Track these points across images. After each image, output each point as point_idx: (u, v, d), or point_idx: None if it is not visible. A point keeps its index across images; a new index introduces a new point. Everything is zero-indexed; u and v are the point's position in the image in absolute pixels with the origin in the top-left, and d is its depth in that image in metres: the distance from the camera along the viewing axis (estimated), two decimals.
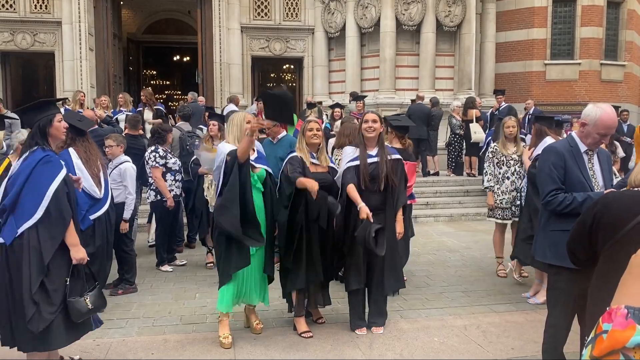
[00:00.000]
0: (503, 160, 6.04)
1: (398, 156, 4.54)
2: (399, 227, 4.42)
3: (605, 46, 15.53)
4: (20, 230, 3.12)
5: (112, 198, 4.74)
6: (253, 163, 4.20)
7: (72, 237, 3.25)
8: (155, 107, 10.09)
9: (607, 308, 1.69)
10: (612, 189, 3.29)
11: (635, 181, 2.51)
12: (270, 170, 4.38)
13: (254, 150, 4.31)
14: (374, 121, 4.40)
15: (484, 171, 6.26)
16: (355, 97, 11.93)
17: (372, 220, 4.10)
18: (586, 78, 15.34)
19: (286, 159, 4.45)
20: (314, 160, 4.40)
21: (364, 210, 4.13)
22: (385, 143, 5.05)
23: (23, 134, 4.83)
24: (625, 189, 3.13)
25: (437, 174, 11.82)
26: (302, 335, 4.28)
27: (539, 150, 5.36)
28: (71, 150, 4.42)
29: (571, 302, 3.13)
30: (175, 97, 24.45)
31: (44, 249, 3.13)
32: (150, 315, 4.81)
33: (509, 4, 15.56)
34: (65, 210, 3.22)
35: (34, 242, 3.13)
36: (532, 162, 5.41)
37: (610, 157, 3.62)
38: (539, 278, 5.50)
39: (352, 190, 4.27)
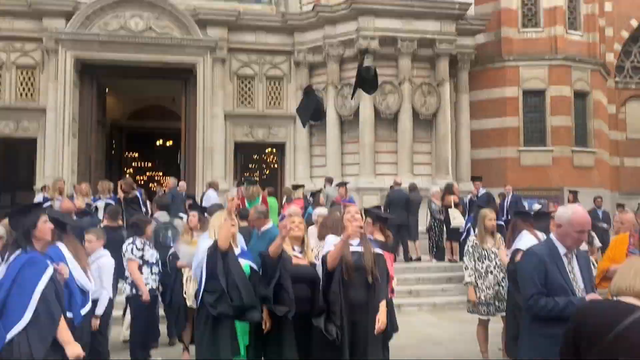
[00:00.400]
0: (485, 255, 6.04)
1: (380, 251, 4.54)
2: (382, 317, 4.31)
3: (575, 134, 16.20)
4: (9, 336, 3.07)
5: None
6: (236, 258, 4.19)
7: (64, 335, 3.21)
8: (134, 194, 10.01)
9: None
10: (593, 294, 3.32)
11: (614, 290, 2.54)
12: (255, 266, 4.33)
13: (237, 246, 4.27)
14: (357, 212, 4.48)
15: (464, 265, 6.24)
16: (339, 183, 12.09)
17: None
18: (559, 164, 15.86)
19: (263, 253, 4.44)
20: (296, 254, 4.37)
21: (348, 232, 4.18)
22: (367, 235, 5.07)
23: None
24: (605, 297, 3.16)
25: (418, 259, 11.78)
26: None
27: (516, 244, 5.43)
28: (60, 244, 4.36)
29: None
30: (156, 178, 24.50)
31: (34, 352, 3.07)
32: None
33: (482, 94, 16.33)
34: (54, 310, 3.22)
35: (24, 347, 3.07)
36: (511, 256, 5.45)
37: (588, 259, 3.67)
38: None
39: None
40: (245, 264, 4.22)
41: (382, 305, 4.36)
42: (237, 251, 4.27)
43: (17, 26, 13.95)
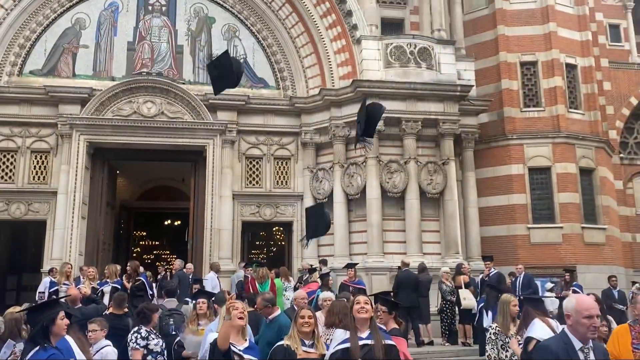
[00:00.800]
0: (508, 342, 5.83)
1: (392, 342, 4.36)
2: None
3: (584, 210, 16.12)
4: None
5: None
6: (241, 354, 4.04)
7: None
8: (136, 279, 9.87)
9: None
10: None
11: None
12: None
13: (245, 340, 4.19)
14: (366, 302, 4.29)
15: (487, 354, 6.00)
16: (347, 264, 11.96)
17: None
18: (570, 241, 15.67)
19: (271, 350, 4.35)
20: (306, 348, 4.25)
21: None
22: (380, 325, 4.94)
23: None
24: None
25: (431, 342, 11.40)
26: None
27: (529, 332, 5.25)
28: (68, 337, 4.28)
29: None
30: (163, 256, 24.38)
31: None
32: None
33: (488, 172, 16.45)
34: None
35: None
36: (524, 345, 5.26)
37: (607, 353, 3.54)
38: None
39: None
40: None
41: None
42: (244, 345, 4.17)
43: (34, 112, 14.47)
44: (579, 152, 16.37)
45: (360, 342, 4.15)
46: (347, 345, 4.14)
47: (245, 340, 4.25)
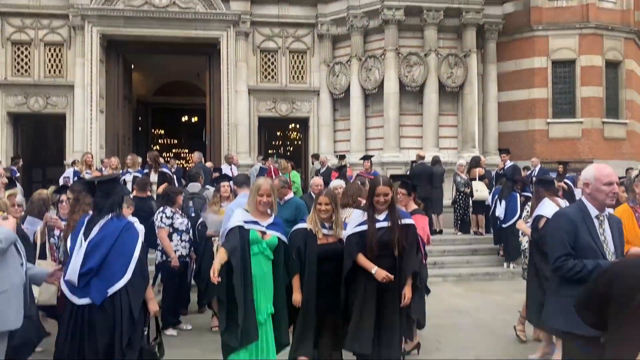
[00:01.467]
0: None
1: (411, 221, 4.36)
2: (408, 292, 4.22)
3: (606, 105, 15.75)
4: (110, 292, 3.48)
5: None
6: (264, 229, 4.17)
7: (150, 293, 3.77)
8: (160, 170, 10.16)
9: None
10: (623, 258, 3.27)
11: None
12: (284, 239, 4.30)
13: (269, 215, 4.30)
14: (386, 194, 4.21)
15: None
16: (363, 156, 12.05)
17: (392, 279, 4.03)
18: (589, 136, 15.48)
19: (292, 230, 4.49)
20: (325, 231, 4.32)
21: (380, 274, 4.02)
22: (401, 207, 5.07)
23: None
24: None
25: (440, 232, 11.72)
26: None
27: (538, 211, 5.35)
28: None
29: None
30: (182, 155, 24.81)
31: (133, 306, 3.53)
32: None
33: (510, 66, 15.94)
34: (145, 271, 3.77)
35: (125, 302, 3.51)
36: (534, 224, 5.37)
37: (621, 224, 3.59)
38: (545, 340, 5.36)
39: (362, 258, 4.13)
40: (273, 236, 4.21)
41: (409, 279, 4.24)
42: (269, 221, 4.28)
43: (43, 3, 14.12)
44: (606, 44, 15.67)
45: (377, 225, 4.19)
46: (364, 228, 4.20)
47: (270, 216, 4.32)
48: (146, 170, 10.07)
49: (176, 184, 9.40)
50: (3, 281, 3.13)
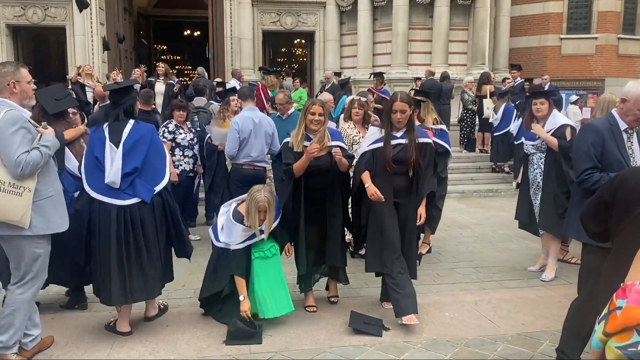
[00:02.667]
0: None
1: (428, 140, 4.19)
2: (423, 212, 4.15)
3: (624, 20, 15.16)
4: (157, 189, 3.73)
5: None
6: (262, 236, 4.06)
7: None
8: (168, 82, 10.06)
9: (622, 284, 1.67)
10: None
11: None
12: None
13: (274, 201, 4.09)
14: (403, 111, 4.03)
15: None
16: (374, 73, 11.77)
17: (382, 199, 3.95)
18: (603, 52, 15.03)
19: (281, 144, 4.44)
20: (308, 143, 4.11)
21: (370, 190, 3.96)
22: (419, 124, 5.03)
23: None
24: None
25: None
26: (306, 309, 4.35)
27: (556, 121, 5.16)
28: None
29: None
30: (185, 72, 24.39)
31: (170, 201, 3.83)
32: (164, 288, 4.86)
33: None
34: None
35: (167, 198, 3.80)
36: (557, 133, 5.07)
37: None
38: (544, 252, 5.48)
39: (364, 174, 4.08)
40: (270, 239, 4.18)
41: (424, 200, 4.15)
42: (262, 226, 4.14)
43: None
44: None
45: (394, 142, 4.07)
46: (378, 145, 4.08)
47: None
48: (151, 79, 10.00)
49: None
50: (48, 187, 3.27)
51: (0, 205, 3.07)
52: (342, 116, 6.57)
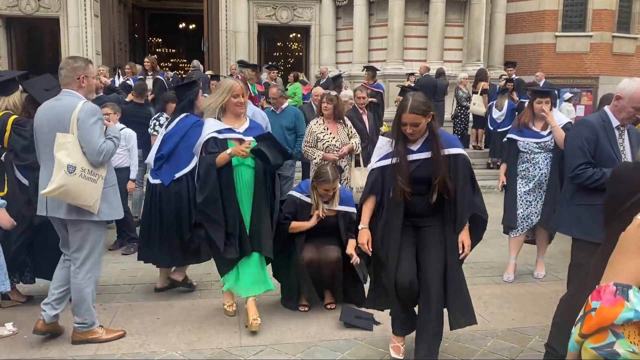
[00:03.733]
0: None
1: (459, 150, 3.16)
2: (466, 240, 3.17)
3: (618, 18, 15.21)
4: (177, 176, 4.29)
5: None
6: (241, 136, 3.77)
7: None
8: (156, 76, 9.98)
9: (597, 286, 1.67)
10: None
11: None
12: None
13: (245, 119, 3.91)
14: (415, 125, 3.01)
15: None
16: (366, 66, 11.76)
17: (369, 252, 3.22)
18: (597, 51, 15.09)
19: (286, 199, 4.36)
20: (326, 205, 4.28)
21: (363, 238, 3.21)
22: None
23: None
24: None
25: None
26: (299, 308, 4.26)
27: (559, 120, 5.11)
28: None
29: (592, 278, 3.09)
30: (180, 65, 24.30)
31: (190, 187, 4.27)
32: (155, 281, 4.87)
33: None
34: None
35: (189, 186, 4.27)
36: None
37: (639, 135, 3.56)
38: (513, 256, 5.30)
39: (365, 205, 3.27)
40: (253, 142, 3.76)
41: (466, 226, 3.16)
42: (245, 125, 3.87)
43: None
44: None
45: (410, 157, 3.12)
46: (387, 162, 3.18)
47: (246, 120, 3.92)
48: (141, 76, 9.88)
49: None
50: (112, 176, 3.56)
51: (78, 190, 3.28)
52: None
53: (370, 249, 3.19)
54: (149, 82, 9.84)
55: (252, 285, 3.87)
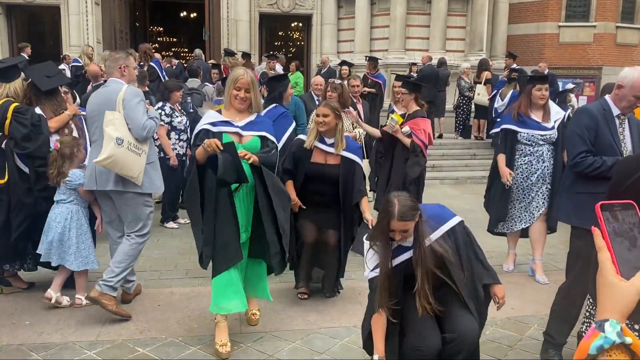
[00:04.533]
0: None
1: (456, 221, 2.98)
2: (499, 292, 2.91)
3: (622, 8, 15.11)
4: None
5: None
6: (239, 130, 3.37)
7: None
8: (150, 63, 9.89)
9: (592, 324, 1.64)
10: None
11: None
12: (270, 137, 3.48)
13: (248, 113, 3.48)
14: (404, 231, 2.71)
15: None
16: (368, 57, 11.69)
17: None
18: (601, 41, 15.00)
19: (293, 141, 4.27)
20: (325, 147, 4.01)
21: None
22: (396, 108, 4.83)
23: None
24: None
25: (440, 136, 11.72)
26: (298, 295, 4.25)
27: (555, 114, 5.11)
28: (38, 109, 4.14)
29: (589, 267, 3.10)
30: (182, 54, 24.23)
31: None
32: (156, 269, 4.90)
33: None
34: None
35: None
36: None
37: None
38: (512, 247, 5.31)
39: (375, 333, 2.79)
40: (253, 137, 3.42)
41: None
42: (247, 119, 3.44)
43: None
44: None
45: (397, 260, 2.81)
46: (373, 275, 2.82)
47: (249, 115, 3.47)
48: (142, 63, 9.83)
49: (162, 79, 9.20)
50: (152, 153, 3.88)
51: (126, 162, 3.59)
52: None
53: None
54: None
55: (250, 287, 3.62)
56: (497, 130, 5.09)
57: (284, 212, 3.42)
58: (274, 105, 4.69)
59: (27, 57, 11.08)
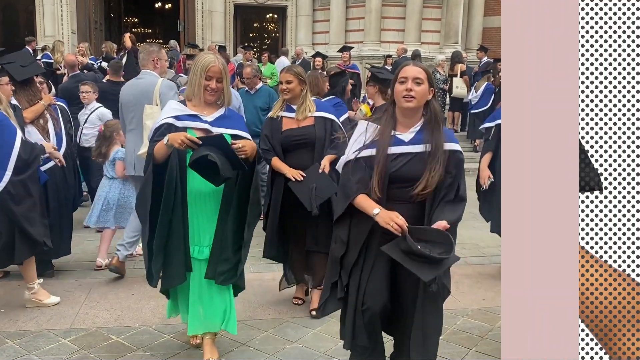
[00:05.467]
0: None
1: (456, 146, 2.49)
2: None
3: None
4: None
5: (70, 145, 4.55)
6: (208, 126, 2.89)
7: None
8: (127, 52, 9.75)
9: None
10: None
11: None
12: (244, 134, 3.00)
13: (218, 106, 3.00)
14: (417, 79, 2.36)
15: None
16: (342, 48, 11.73)
17: (404, 230, 2.27)
18: None
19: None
20: (288, 114, 3.71)
21: (383, 218, 2.31)
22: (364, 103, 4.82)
23: None
24: None
25: None
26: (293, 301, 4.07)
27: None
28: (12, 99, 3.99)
29: None
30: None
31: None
32: (132, 259, 4.90)
33: None
34: None
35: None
36: None
37: None
38: None
39: (362, 199, 2.40)
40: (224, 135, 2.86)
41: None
42: (216, 114, 2.96)
43: None
44: None
45: (395, 150, 2.42)
46: (372, 152, 2.43)
47: (219, 108, 2.99)
48: (121, 54, 9.74)
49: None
50: None
51: None
52: None
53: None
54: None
55: (192, 321, 3.04)
56: (491, 124, 4.75)
57: (248, 229, 2.98)
58: (331, 96, 4.72)
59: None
